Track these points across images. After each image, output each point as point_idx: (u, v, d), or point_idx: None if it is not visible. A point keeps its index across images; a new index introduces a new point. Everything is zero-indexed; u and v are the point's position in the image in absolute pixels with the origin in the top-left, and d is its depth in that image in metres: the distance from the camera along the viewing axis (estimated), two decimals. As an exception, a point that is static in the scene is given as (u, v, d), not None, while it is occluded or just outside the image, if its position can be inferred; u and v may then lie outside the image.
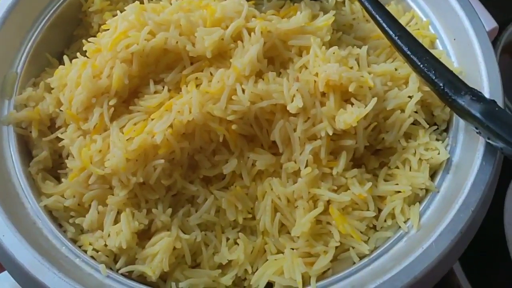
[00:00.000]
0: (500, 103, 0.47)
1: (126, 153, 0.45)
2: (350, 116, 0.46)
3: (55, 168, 0.53)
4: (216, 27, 0.50)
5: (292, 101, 0.46)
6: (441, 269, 0.42)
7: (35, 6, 0.57)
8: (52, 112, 0.52)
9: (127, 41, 0.48)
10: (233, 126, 0.47)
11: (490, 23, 0.60)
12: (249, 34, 0.50)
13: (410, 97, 0.50)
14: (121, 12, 0.58)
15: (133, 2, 0.60)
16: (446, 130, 0.51)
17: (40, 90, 0.54)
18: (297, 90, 0.46)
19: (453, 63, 0.53)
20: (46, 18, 0.58)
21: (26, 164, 0.51)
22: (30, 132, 0.52)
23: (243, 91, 0.46)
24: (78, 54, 0.53)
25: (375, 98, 0.46)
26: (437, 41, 0.56)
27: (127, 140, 0.46)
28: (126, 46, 0.48)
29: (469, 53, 0.52)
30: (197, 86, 0.48)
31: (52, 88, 0.53)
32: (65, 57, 0.55)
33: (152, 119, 0.47)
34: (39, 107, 0.52)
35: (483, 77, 0.50)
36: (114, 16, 0.58)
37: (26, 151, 0.52)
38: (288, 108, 0.46)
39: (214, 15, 0.50)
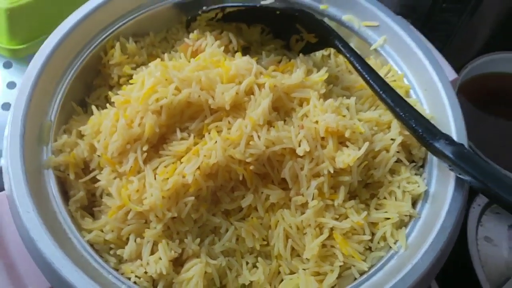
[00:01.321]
0: (465, 143, 0.58)
1: (162, 192, 0.53)
2: (348, 157, 0.55)
3: (89, 205, 0.60)
4: (232, 83, 0.59)
5: (299, 145, 0.56)
6: (427, 281, 0.52)
7: (64, 61, 0.64)
8: (86, 156, 0.59)
9: (157, 95, 0.57)
10: (251, 167, 0.56)
11: (451, 74, 0.71)
12: (259, 88, 0.59)
13: (392, 139, 0.60)
14: (137, 65, 0.68)
15: (147, 56, 0.70)
16: (423, 166, 0.62)
17: (73, 136, 0.61)
18: (303, 136, 0.56)
19: (425, 110, 0.64)
20: (73, 70, 0.65)
21: (65, 203, 0.57)
22: (67, 174, 0.59)
23: (259, 137, 0.56)
24: (107, 105, 0.61)
25: (367, 142, 0.57)
26: (411, 91, 0.67)
27: (162, 180, 0.54)
28: (156, 99, 0.57)
29: (438, 102, 0.63)
30: (218, 133, 0.57)
31: (83, 135, 0.61)
32: (93, 107, 0.62)
33: (181, 162, 0.56)
34: (74, 152, 0.59)
35: (450, 122, 0.61)
36: (132, 69, 0.67)
37: (63, 191, 0.59)
38: (297, 151, 0.56)
39: (229, 72, 0.59)
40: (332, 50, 0.72)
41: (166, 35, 0.73)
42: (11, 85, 0.86)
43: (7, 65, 0.88)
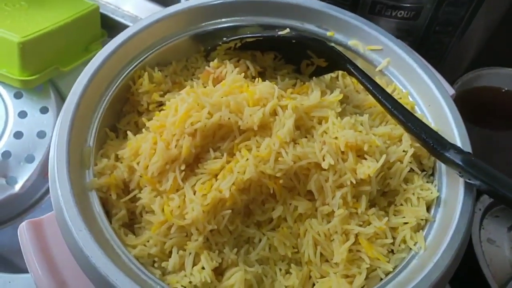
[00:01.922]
0: (470, 151, 0.64)
1: (202, 206, 0.58)
2: (368, 168, 0.61)
3: (129, 223, 0.64)
4: (257, 106, 0.64)
5: (323, 159, 0.62)
6: (447, 278, 0.57)
7: (97, 93, 0.69)
8: (126, 177, 0.64)
9: (192, 120, 0.62)
10: (281, 181, 0.61)
11: (450, 90, 0.78)
12: (282, 110, 0.65)
13: (404, 151, 0.67)
14: (164, 92, 0.73)
15: (172, 83, 0.75)
16: (432, 174, 0.68)
17: (111, 160, 0.66)
18: (326, 151, 0.62)
19: (431, 123, 0.71)
20: (106, 100, 0.70)
21: (109, 222, 0.62)
22: (109, 195, 0.63)
23: (287, 153, 0.61)
24: (143, 130, 0.67)
25: (385, 155, 0.62)
26: (416, 107, 0.73)
27: (201, 196, 0.59)
28: (191, 123, 0.62)
29: (442, 116, 0.69)
30: (248, 151, 0.62)
31: (120, 158, 0.66)
32: (129, 133, 0.67)
33: (217, 179, 0.61)
34: (114, 174, 0.64)
35: (455, 133, 0.67)
36: (160, 96, 0.72)
37: (105, 210, 0.63)
38: (322, 165, 0.61)
39: (254, 96, 0.65)
40: (340, 72, 0.78)
41: (186, 63, 0.79)
42: (22, 114, 0.90)
43: (18, 96, 0.92)
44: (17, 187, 0.86)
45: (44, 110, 0.92)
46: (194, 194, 0.60)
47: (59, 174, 0.60)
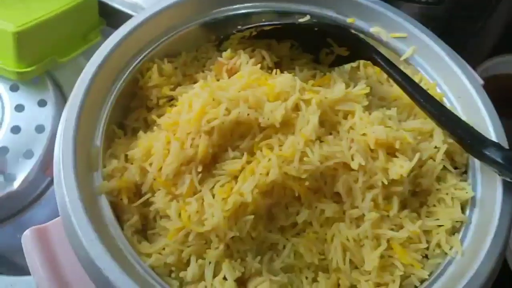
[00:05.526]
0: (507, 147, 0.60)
1: (223, 212, 0.54)
2: (400, 168, 0.57)
3: (142, 229, 0.59)
4: (278, 101, 0.59)
5: (352, 159, 0.57)
6: (489, 285, 0.53)
7: (104, 87, 0.64)
8: (137, 180, 0.59)
9: (208, 117, 0.57)
10: (306, 183, 0.57)
11: (479, 80, 0.73)
12: (305, 104, 0.60)
13: (436, 147, 0.62)
14: (174, 85, 0.68)
15: (182, 76, 0.70)
16: (465, 172, 0.64)
17: (121, 161, 0.61)
18: (356, 150, 0.57)
19: (462, 117, 0.66)
20: (113, 95, 0.65)
21: (120, 228, 0.57)
22: (120, 199, 0.58)
23: (313, 153, 0.56)
24: (155, 128, 0.62)
25: (419, 153, 0.58)
26: (444, 99, 0.69)
27: (221, 200, 0.54)
28: (208, 121, 0.57)
29: (473, 108, 0.65)
30: (269, 150, 0.58)
31: (129, 158, 0.61)
32: (140, 133, 0.63)
33: (236, 181, 0.56)
34: (125, 176, 0.59)
35: (489, 128, 0.62)
36: (170, 90, 0.67)
37: (115, 216, 0.58)
38: (351, 165, 0.57)
39: (274, 90, 0.60)
40: (362, 62, 0.73)
41: (196, 54, 0.74)
42: (19, 108, 0.86)
43: (14, 88, 0.87)
44: (16, 184, 0.82)
45: (42, 103, 0.87)
46: (213, 197, 0.55)
47: (66, 178, 0.55)
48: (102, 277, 0.50)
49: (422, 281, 0.56)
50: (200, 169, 0.57)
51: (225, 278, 0.54)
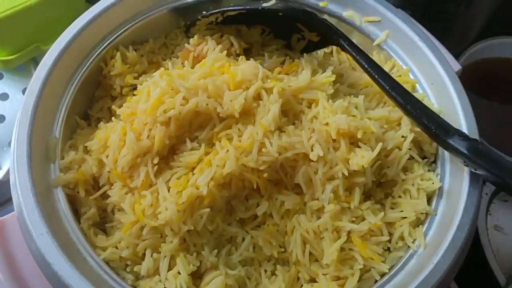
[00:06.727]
0: (477, 138, 0.58)
1: (177, 205, 0.52)
2: (362, 159, 0.55)
3: (101, 222, 0.58)
4: (239, 90, 0.58)
5: (312, 150, 0.55)
6: (448, 280, 0.52)
7: (65, 75, 0.63)
8: (95, 172, 0.58)
9: (165, 107, 0.56)
10: (265, 175, 0.55)
11: (455, 65, 0.71)
12: (267, 93, 0.58)
13: (403, 137, 0.60)
14: (139, 73, 0.66)
15: (148, 63, 0.68)
16: (434, 161, 0.62)
17: (80, 153, 0.59)
18: (315, 140, 0.55)
19: (434, 104, 0.64)
20: (74, 84, 0.63)
21: (77, 221, 0.56)
22: (77, 192, 0.57)
23: (271, 144, 0.55)
24: (113, 118, 0.60)
25: (381, 143, 0.56)
26: (417, 85, 0.66)
27: (176, 193, 0.53)
28: (164, 111, 0.56)
29: (446, 96, 0.62)
30: (228, 141, 0.56)
31: (89, 150, 0.60)
32: (101, 124, 0.61)
33: (193, 173, 0.55)
34: (82, 168, 0.58)
35: (460, 116, 0.60)
36: (134, 78, 0.65)
37: (73, 209, 0.58)
38: (310, 156, 0.55)
39: (235, 78, 0.58)
40: (334, 48, 0.71)
41: (165, 40, 0.72)
42: (3, 96, 0.85)
43: None
44: (1, 174, 0.81)
45: (27, 91, 0.86)
46: (169, 191, 0.54)
47: (19, 171, 0.54)
48: (52, 271, 0.50)
49: (382, 275, 0.55)
50: (156, 161, 0.56)
51: (179, 273, 0.53)
